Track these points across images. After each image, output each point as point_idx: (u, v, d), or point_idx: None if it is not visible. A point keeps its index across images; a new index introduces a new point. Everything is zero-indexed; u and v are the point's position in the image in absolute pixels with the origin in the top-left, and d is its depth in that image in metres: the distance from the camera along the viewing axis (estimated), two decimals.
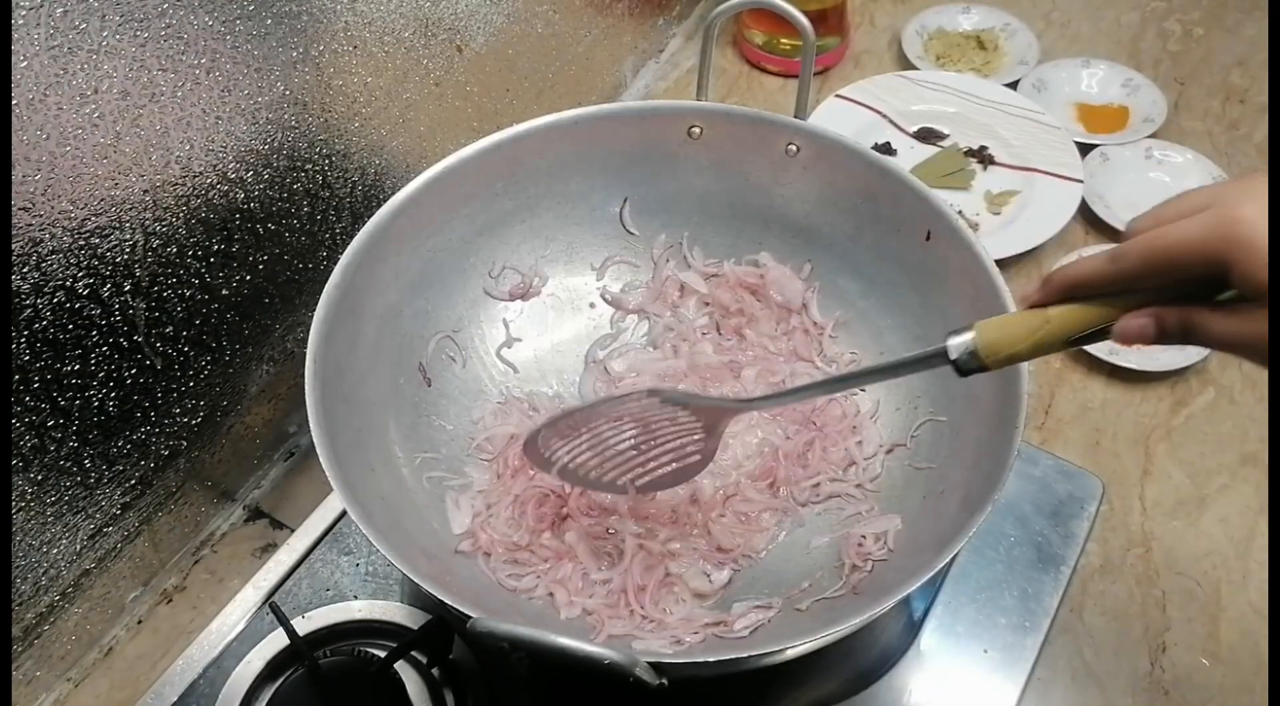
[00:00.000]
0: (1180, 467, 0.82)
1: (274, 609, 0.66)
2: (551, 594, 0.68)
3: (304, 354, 0.63)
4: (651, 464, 0.67)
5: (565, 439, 0.66)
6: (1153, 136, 1.03)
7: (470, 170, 0.73)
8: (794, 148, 0.76)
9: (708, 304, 0.82)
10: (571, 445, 0.66)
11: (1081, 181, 0.97)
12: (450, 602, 0.55)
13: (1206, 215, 0.41)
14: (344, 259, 0.67)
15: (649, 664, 0.51)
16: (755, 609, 0.67)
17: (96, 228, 0.59)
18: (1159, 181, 1.01)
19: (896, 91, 1.08)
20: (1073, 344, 0.47)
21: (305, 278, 0.77)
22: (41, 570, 0.67)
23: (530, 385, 0.79)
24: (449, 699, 0.68)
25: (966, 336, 0.50)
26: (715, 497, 0.72)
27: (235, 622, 0.73)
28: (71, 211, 0.57)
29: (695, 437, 0.66)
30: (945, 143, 1.05)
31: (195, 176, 0.64)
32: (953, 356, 0.50)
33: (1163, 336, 0.44)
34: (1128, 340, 0.45)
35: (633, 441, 0.66)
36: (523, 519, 0.71)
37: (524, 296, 0.81)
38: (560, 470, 0.67)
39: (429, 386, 0.76)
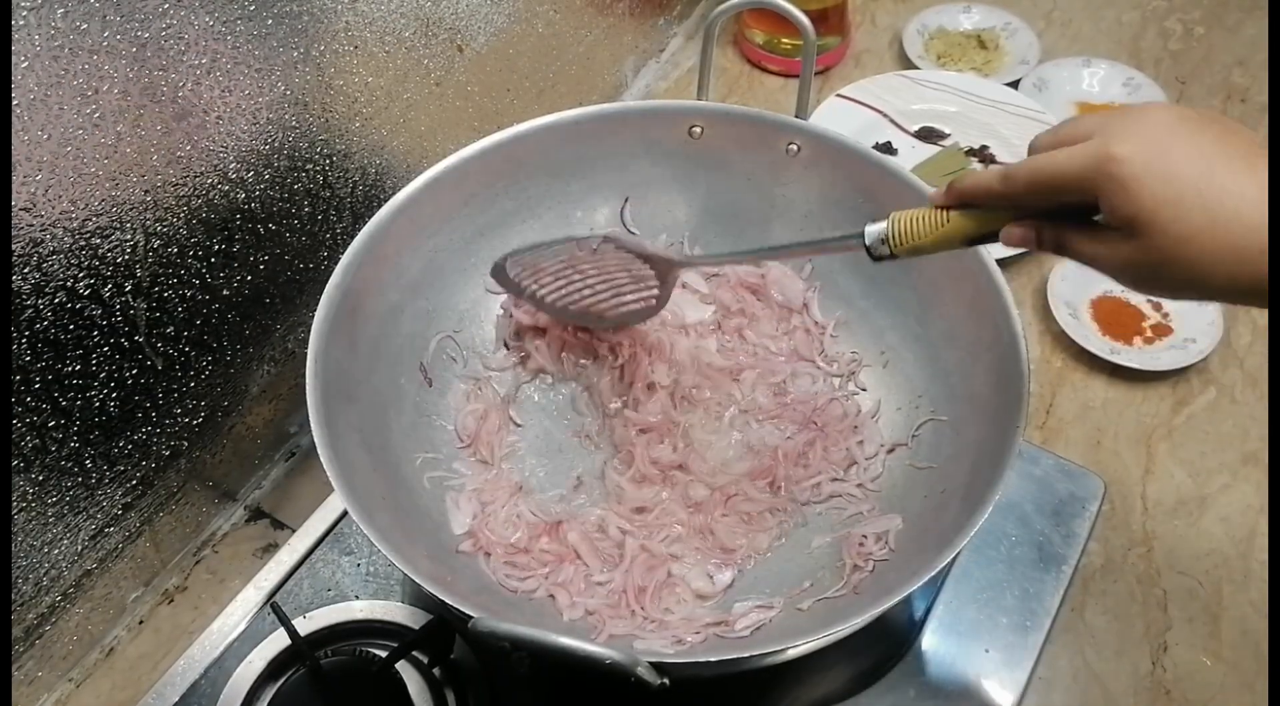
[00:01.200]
0: (1181, 467, 0.82)
1: (275, 609, 0.66)
2: (553, 596, 0.68)
3: (305, 354, 0.63)
4: (614, 298, 0.73)
5: (531, 269, 0.71)
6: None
7: (471, 170, 0.73)
8: (795, 147, 0.76)
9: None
10: (537, 275, 0.72)
11: None
12: (451, 602, 0.55)
13: (1087, 147, 0.46)
14: (345, 259, 0.67)
15: (650, 664, 0.51)
16: (756, 608, 0.67)
17: (97, 228, 0.59)
18: None
19: (897, 91, 1.07)
20: (970, 243, 0.54)
21: (306, 278, 0.77)
22: (43, 570, 0.67)
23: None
24: (450, 699, 0.68)
25: (881, 225, 0.56)
26: (715, 498, 0.72)
27: (237, 623, 0.73)
28: (72, 212, 0.57)
29: (650, 284, 0.71)
30: (946, 142, 1.04)
31: (196, 177, 0.64)
32: (866, 241, 0.57)
33: (1039, 246, 0.50)
34: (1011, 244, 0.51)
35: (595, 277, 0.72)
36: (520, 519, 0.71)
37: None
38: (530, 296, 0.72)
39: (430, 386, 0.76)
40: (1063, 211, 0.49)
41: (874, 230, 0.56)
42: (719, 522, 0.71)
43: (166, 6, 0.57)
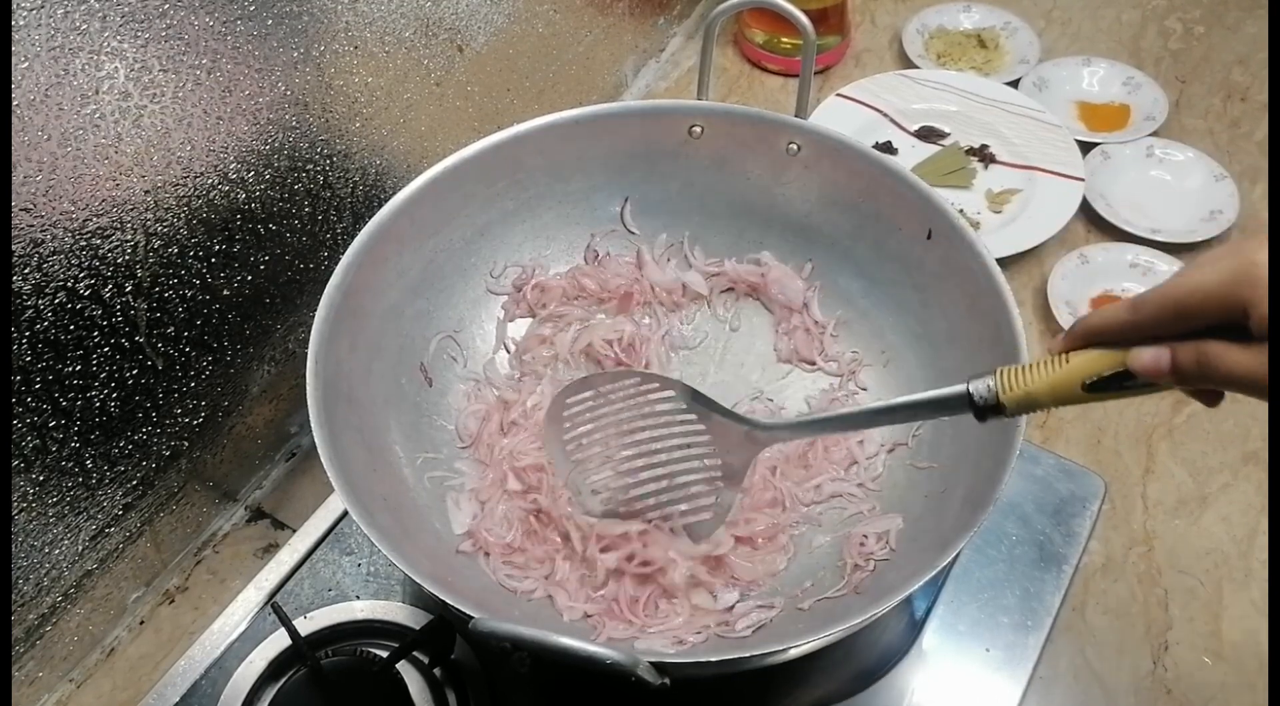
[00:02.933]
0: (1182, 466, 0.82)
1: (276, 609, 0.66)
2: (551, 597, 0.68)
3: (305, 354, 0.63)
4: (659, 497, 0.67)
5: (588, 410, 0.66)
6: (1154, 135, 1.03)
7: (471, 170, 0.73)
8: (795, 147, 0.76)
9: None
10: (591, 424, 0.66)
11: (1083, 180, 0.97)
12: (452, 603, 0.55)
13: (1224, 262, 0.42)
14: (345, 259, 0.67)
15: (651, 664, 0.51)
16: (757, 608, 0.67)
17: (98, 228, 0.59)
18: (1160, 180, 1.01)
19: (897, 90, 1.07)
20: (1092, 389, 0.48)
21: (306, 278, 0.77)
22: (43, 571, 0.67)
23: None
24: (451, 699, 0.68)
25: (987, 380, 0.51)
26: (727, 538, 0.70)
27: (237, 623, 0.73)
28: (73, 212, 0.57)
29: (714, 484, 0.66)
30: (946, 141, 1.04)
31: (196, 177, 0.64)
32: (973, 395, 0.51)
33: (1177, 370, 0.45)
34: (1143, 369, 0.46)
35: (650, 460, 0.66)
36: (513, 518, 0.71)
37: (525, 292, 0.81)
38: (573, 447, 0.67)
39: (430, 386, 0.76)
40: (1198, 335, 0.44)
41: (979, 385, 0.51)
42: (730, 558, 0.69)
43: (167, 7, 0.57)
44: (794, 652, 0.58)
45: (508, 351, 0.80)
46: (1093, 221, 0.97)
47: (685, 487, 0.66)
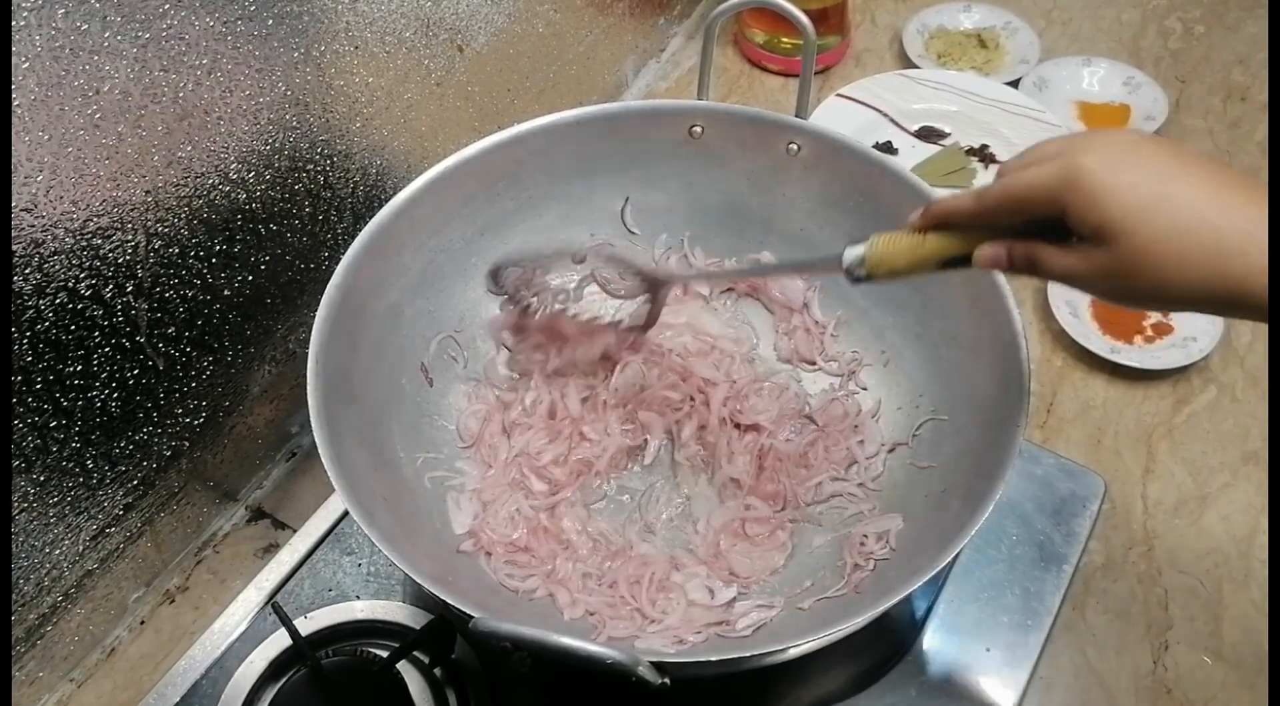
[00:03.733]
0: (1182, 466, 0.82)
1: (276, 609, 0.66)
2: (553, 595, 0.68)
3: (306, 354, 0.63)
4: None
5: (525, 280, 0.72)
6: (1154, 134, 1.03)
7: (472, 170, 0.73)
8: (795, 147, 0.76)
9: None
10: (530, 286, 0.72)
11: None
12: (452, 602, 0.55)
13: (1054, 163, 0.47)
14: (345, 259, 0.67)
15: (651, 663, 0.51)
16: (757, 608, 0.67)
17: (98, 229, 0.59)
18: None
19: (897, 90, 1.07)
20: (944, 266, 0.53)
21: (307, 278, 0.77)
22: (44, 570, 0.67)
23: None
24: (451, 699, 0.68)
25: (860, 247, 0.55)
26: (731, 525, 0.72)
27: (238, 623, 0.73)
28: (73, 212, 0.57)
29: (640, 301, 0.71)
30: (946, 141, 1.04)
31: (197, 177, 0.64)
32: (844, 263, 0.56)
33: (1011, 265, 0.51)
34: (983, 264, 0.51)
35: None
36: (520, 517, 0.71)
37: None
38: (522, 307, 0.72)
39: (431, 386, 0.76)
40: (1033, 230, 0.49)
41: (852, 253, 0.56)
42: (729, 552, 0.71)
43: (167, 7, 0.57)
44: (794, 652, 0.58)
45: (508, 349, 0.80)
46: None
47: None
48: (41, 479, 0.63)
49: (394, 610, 0.71)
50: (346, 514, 0.77)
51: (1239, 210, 0.44)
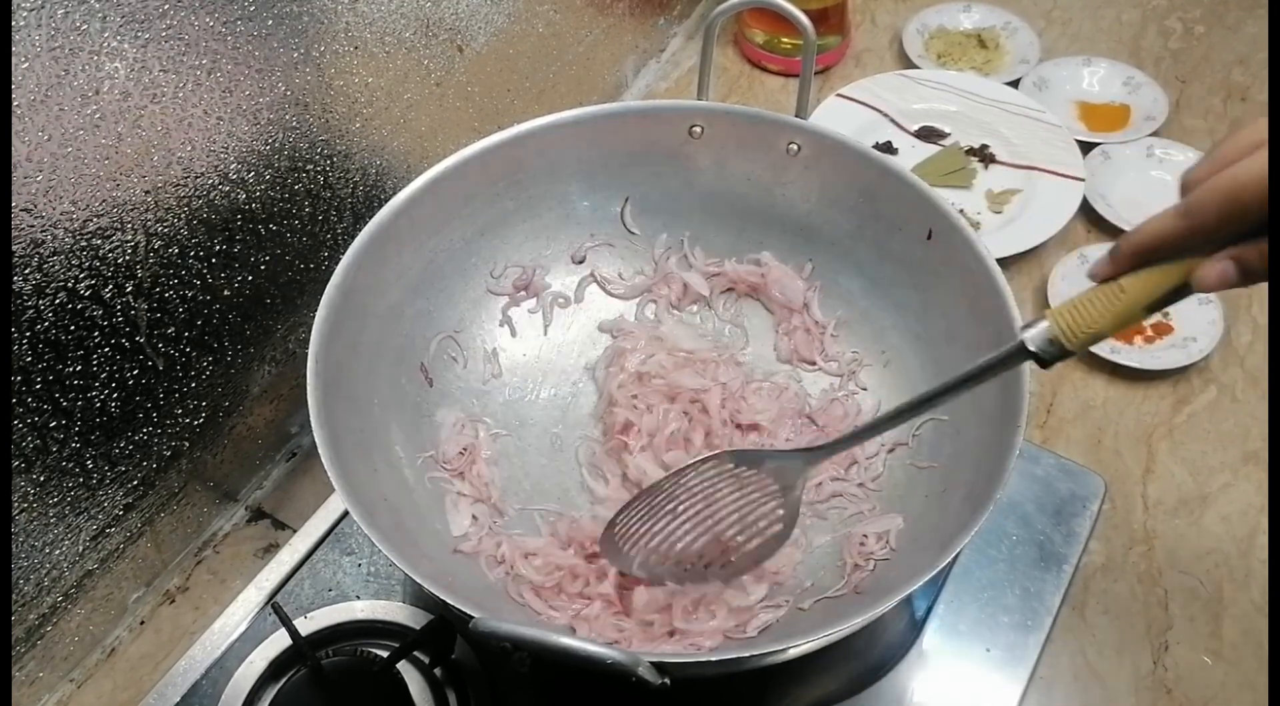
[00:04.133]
0: (1182, 466, 0.82)
1: (276, 609, 0.66)
2: (573, 628, 0.67)
3: (305, 354, 0.63)
4: (734, 541, 0.64)
5: (639, 523, 0.63)
6: (1154, 135, 1.03)
7: (471, 170, 0.73)
8: (795, 147, 0.76)
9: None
10: (646, 531, 0.63)
11: (1083, 180, 0.97)
12: (452, 603, 0.55)
13: (1266, 150, 0.40)
14: (345, 259, 0.67)
15: (651, 663, 0.51)
16: (765, 609, 0.67)
17: (98, 229, 0.59)
18: (1160, 180, 1.00)
19: (897, 90, 1.07)
20: (1152, 309, 0.46)
21: (307, 278, 0.77)
22: (44, 571, 0.67)
23: (529, 385, 0.79)
24: (451, 699, 0.68)
25: (1041, 326, 0.49)
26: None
27: (238, 623, 0.73)
28: (73, 212, 0.57)
29: (773, 503, 0.63)
30: (946, 141, 1.04)
31: (197, 177, 0.64)
32: (1033, 348, 0.49)
33: (1245, 277, 0.43)
34: (1209, 288, 0.43)
35: (709, 519, 0.63)
36: (552, 565, 0.69)
37: (526, 292, 0.81)
38: (640, 564, 0.64)
39: (431, 386, 0.76)
40: (1252, 235, 0.42)
41: (1035, 334, 0.49)
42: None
43: (167, 7, 0.57)
44: (794, 652, 0.58)
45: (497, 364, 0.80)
46: (1093, 221, 0.97)
47: (746, 516, 0.64)
48: (41, 479, 0.63)
49: (394, 610, 0.71)
50: (346, 514, 0.77)
51: None
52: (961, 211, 0.70)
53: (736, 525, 0.64)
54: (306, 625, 0.69)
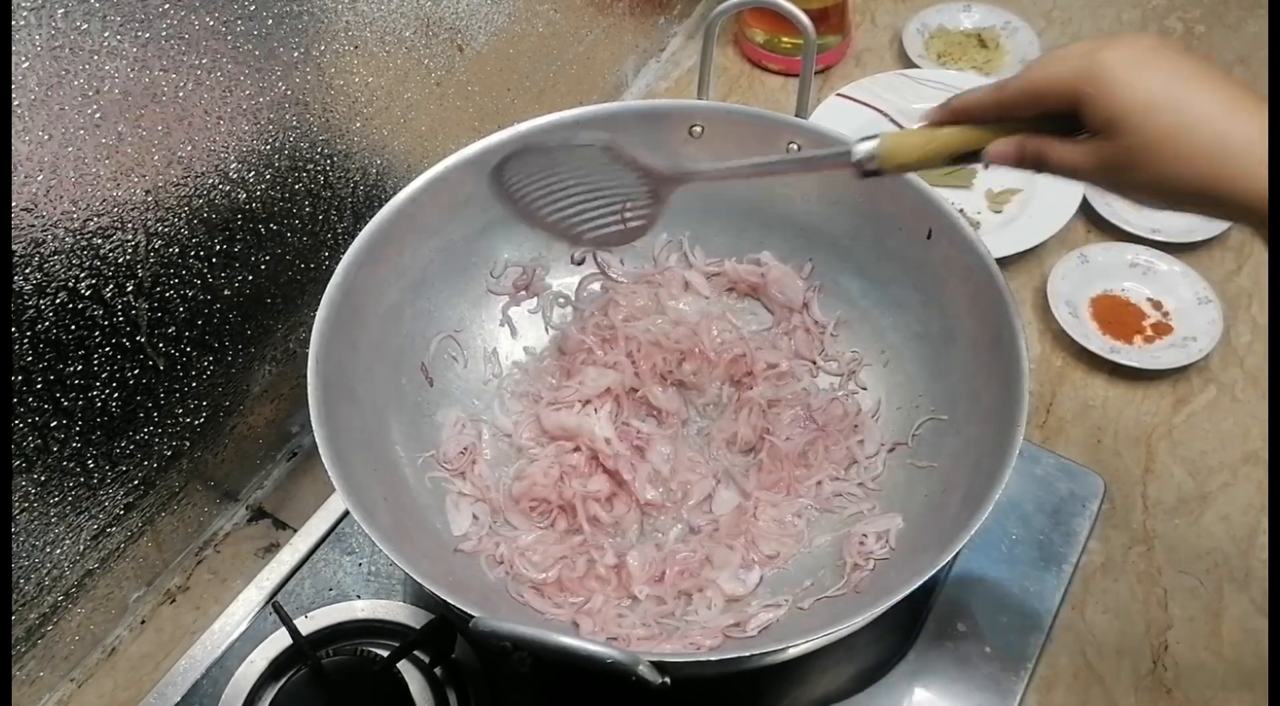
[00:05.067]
0: (1182, 465, 0.82)
1: (277, 608, 0.66)
2: (576, 623, 0.67)
3: (306, 354, 0.63)
4: (602, 218, 0.67)
5: (525, 176, 0.65)
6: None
7: (472, 170, 0.73)
8: (795, 147, 0.76)
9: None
10: (530, 183, 0.65)
11: None
12: (453, 602, 0.55)
13: (1077, 57, 0.49)
14: (346, 259, 0.67)
15: (651, 663, 0.51)
16: (765, 608, 0.67)
17: (99, 228, 0.59)
18: None
19: (898, 90, 1.07)
20: (954, 161, 0.54)
21: (307, 278, 0.77)
22: (45, 570, 0.67)
23: (529, 384, 0.79)
24: (451, 698, 0.68)
25: (871, 142, 0.55)
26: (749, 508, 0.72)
27: (238, 622, 0.73)
28: (73, 212, 0.57)
29: (643, 202, 0.66)
30: None
31: (197, 177, 0.64)
32: (854, 157, 0.56)
33: (1021, 161, 0.52)
34: (995, 159, 0.53)
35: (585, 193, 0.66)
36: (552, 557, 0.70)
37: (526, 292, 0.81)
38: (518, 205, 0.66)
39: (431, 386, 0.76)
40: (1045, 128, 0.51)
41: (864, 147, 0.55)
42: (755, 527, 0.71)
43: (167, 7, 0.57)
44: (794, 652, 0.58)
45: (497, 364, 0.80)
46: (1093, 221, 0.97)
47: (616, 201, 0.66)
48: (42, 479, 0.63)
49: (394, 610, 0.71)
50: (346, 514, 0.77)
51: (1246, 118, 0.46)
52: (961, 211, 0.70)
53: (607, 206, 0.66)
54: (307, 624, 0.69)
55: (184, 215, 0.64)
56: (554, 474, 0.72)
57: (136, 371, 0.66)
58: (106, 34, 0.55)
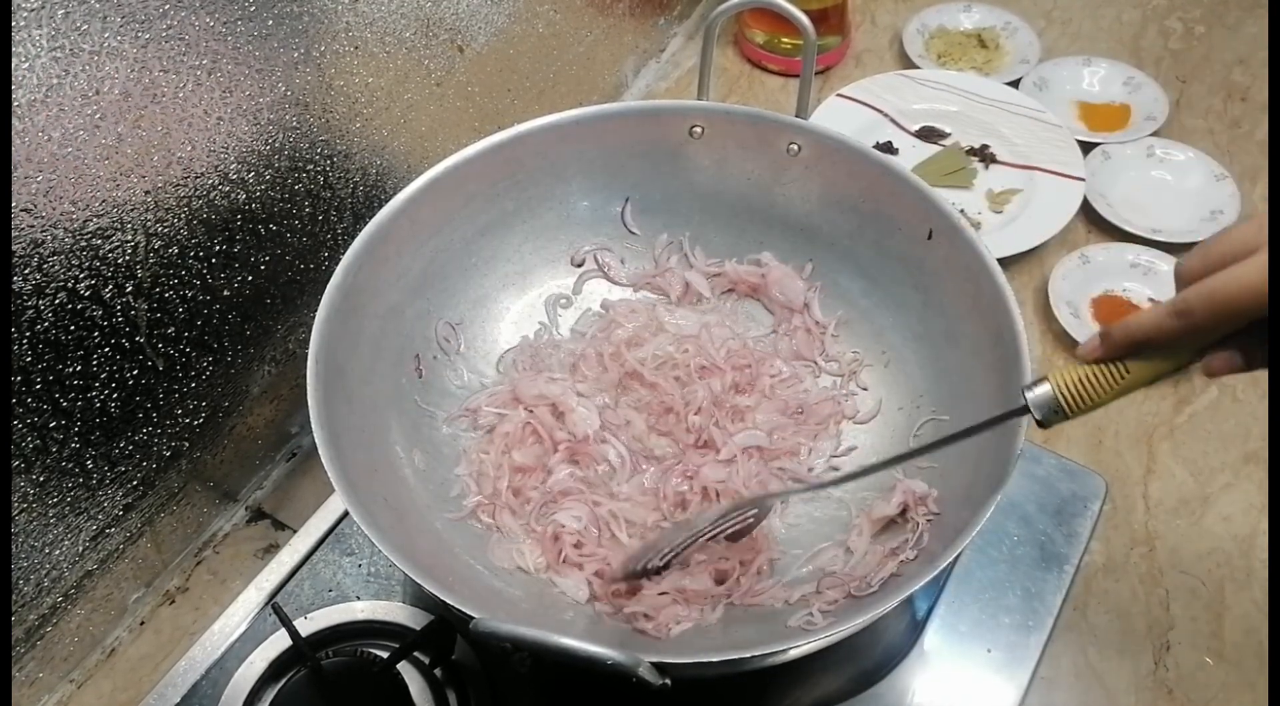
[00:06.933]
0: (1183, 466, 0.82)
1: (276, 609, 0.66)
2: (591, 582, 0.67)
3: (306, 354, 0.63)
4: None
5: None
6: (1154, 134, 1.03)
7: (472, 171, 0.73)
8: (795, 147, 0.76)
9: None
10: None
11: (1083, 180, 0.97)
12: (453, 603, 0.55)
13: (1262, 258, 0.42)
14: (345, 259, 0.67)
15: (652, 664, 0.51)
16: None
17: (98, 229, 0.59)
18: (1160, 179, 1.00)
19: (898, 90, 1.07)
20: (1149, 385, 0.51)
21: (307, 278, 0.77)
22: (44, 571, 0.67)
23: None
24: (451, 699, 0.68)
25: (1043, 389, 0.53)
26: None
27: (238, 623, 0.73)
28: (73, 213, 0.57)
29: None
30: (947, 141, 1.04)
31: (197, 177, 0.64)
32: (1038, 416, 0.53)
33: (1250, 364, 0.46)
34: (1216, 375, 0.47)
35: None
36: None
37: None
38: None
39: (430, 386, 0.76)
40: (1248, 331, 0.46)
41: (1039, 398, 0.53)
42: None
43: (168, 8, 0.57)
44: (795, 653, 0.58)
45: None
46: (1093, 221, 0.97)
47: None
48: (41, 479, 0.63)
49: (394, 610, 0.71)
50: (346, 514, 0.77)
51: None
52: (962, 211, 0.70)
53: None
54: (306, 625, 0.69)
55: (184, 216, 0.64)
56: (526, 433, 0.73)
57: (136, 372, 0.66)
58: (106, 34, 0.55)
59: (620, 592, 0.67)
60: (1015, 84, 1.09)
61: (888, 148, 1.03)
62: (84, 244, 0.59)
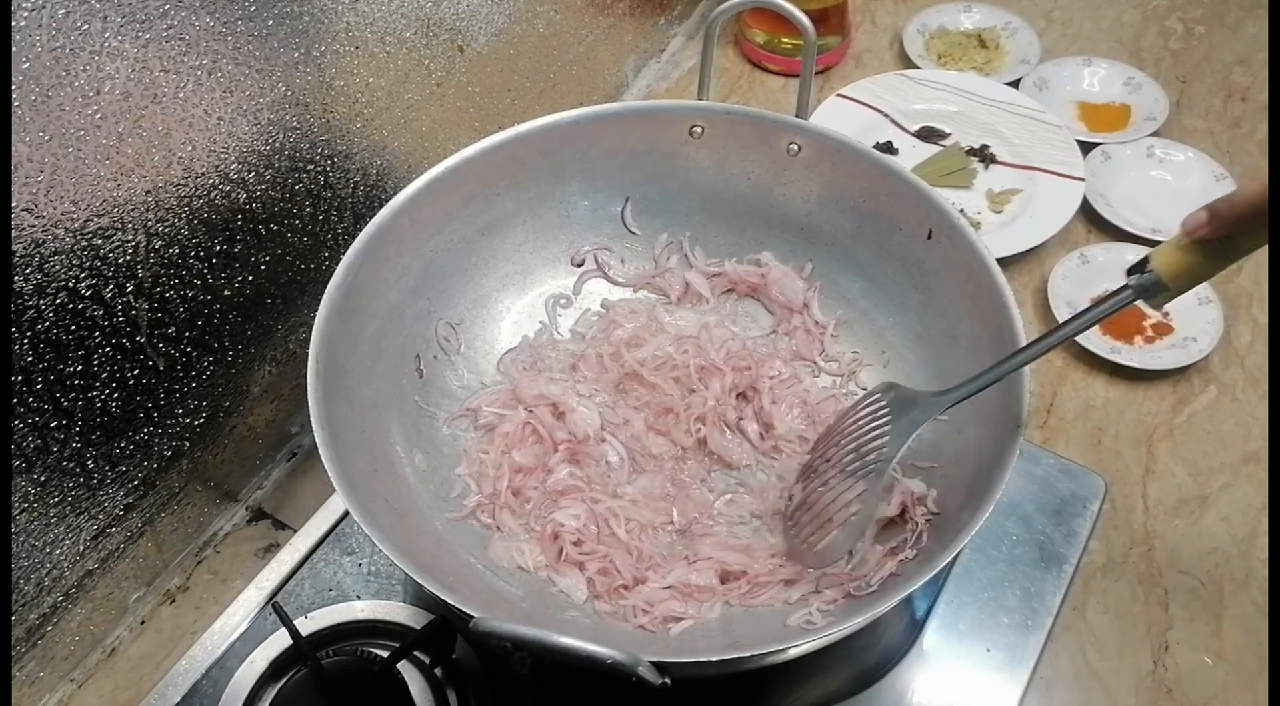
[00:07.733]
0: (1182, 466, 0.82)
1: (277, 609, 0.66)
2: (593, 581, 0.68)
3: (306, 354, 0.63)
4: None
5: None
6: (1154, 134, 1.03)
7: (472, 170, 0.73)
8: (795, 147, 0.76)
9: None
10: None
11: (1083, 180, 0.97)
12: (453, 602, 0.55)
13: None
14: (346, 259, 0.67)
15: (651, 663, 0.51)
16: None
17: (99, 229, 0.59)
18: (1161, 180, 1.00)
19: (898, 90, 1.07)
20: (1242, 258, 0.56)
21: (307, 278, 0.77)
22: (45, 570, 0.67)
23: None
24: (452, 699, 0.68)
25: (1148, 275, 0.59)
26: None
27: (238, 623, 0.73)
28: (74, 213, 0.57)
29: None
30: (947, 141, 1.04)
31: (197, 177, 0.64)
32: (1138, 289, 0.59)
33: None
34: None
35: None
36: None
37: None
38: None
39: (430, 386, 0.76)
40: None
41: (1144, 281, 0.59)
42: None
43: (168, 8, 0.57)
44: (794, 652, 0.58)
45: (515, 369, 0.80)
46: (1093, 221, 0.97)
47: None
48: (42, 479, 0.63)
49: (394, 610, 0.71)
50: (347, 514, 0.77)
51: None
52: (962, 211, 0.70)
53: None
54: (307, 625, 0.69)
55: (184, 215, 0.64)
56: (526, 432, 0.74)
57: (136, 372, 0.66)
58: (106, 34, 0.55)
59: (622, 587, 0.67)
60: (1015, 84, 1.09)
61: (888, 148, 1.03)
62: (85, 244, 0.59)
